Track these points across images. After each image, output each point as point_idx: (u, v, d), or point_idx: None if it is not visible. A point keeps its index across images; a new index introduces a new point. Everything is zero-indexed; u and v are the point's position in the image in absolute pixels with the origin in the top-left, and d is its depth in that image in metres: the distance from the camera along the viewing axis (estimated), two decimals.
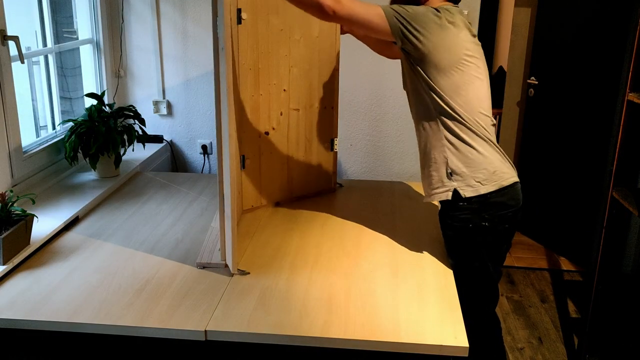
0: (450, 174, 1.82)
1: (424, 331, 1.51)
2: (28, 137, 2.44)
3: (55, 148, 2.53)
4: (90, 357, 1.62)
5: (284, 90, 2.25)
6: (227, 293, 1.68)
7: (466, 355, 1.46)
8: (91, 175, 2.55)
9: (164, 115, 3.18)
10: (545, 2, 3.80)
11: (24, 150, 2.31)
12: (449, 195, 1.83)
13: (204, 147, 3.21)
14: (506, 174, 1.84)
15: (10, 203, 1.85)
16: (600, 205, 2.48)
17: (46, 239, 1.97)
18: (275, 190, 2.35)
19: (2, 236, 1.74)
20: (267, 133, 2.25)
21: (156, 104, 3.16)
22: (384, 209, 2.35)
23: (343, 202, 2.42)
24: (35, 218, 1.94)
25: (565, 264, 3.71)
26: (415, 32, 1.73)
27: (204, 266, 1.83)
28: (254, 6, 2.05)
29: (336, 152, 2.48)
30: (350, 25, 1.83)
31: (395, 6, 1.76)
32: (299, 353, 1.53)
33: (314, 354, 1.52)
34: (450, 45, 1.76)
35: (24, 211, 1.88)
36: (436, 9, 1.78)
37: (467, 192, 1.80)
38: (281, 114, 2.27)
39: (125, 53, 3.09)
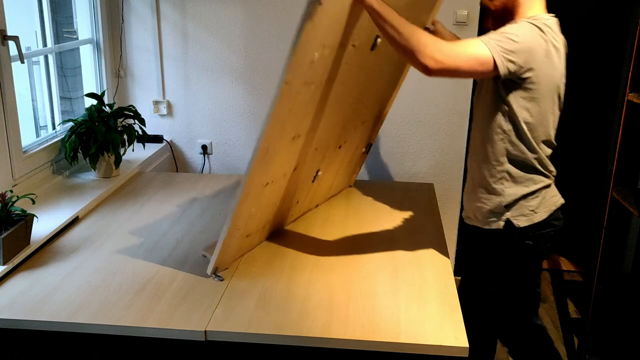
0: (506, 207, 1.78)
1: (424, 331, 1.51)
2: (28, 137, 2.44)
3: (55, 148, 2.53)
4: (90, 357, 1.62)
5: (366, 107, 2.17)
6: (227, 293, 1.68)
7: (466, 355, 1.46)
8: (91, 175, 2.55)
9: (164, 115, 3.18)
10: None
11: (24, 150, 2.31)
12: (501, 225, 1.80)
13: (203, 147, 3.21)
14: (555, 197, 1.84)
15: (10, 203, 1.85)
16: (600, 205, 2.48)
17: (46, 239, 1.97)
18: (323, 197, 2.37)
19: (2, 236, 1.74)
20: (340, 147, 2.17)
21: (156, 104, 3.16)
22: (385, 209, 2.34)
23: (343, 202, 2.42)
24: (35, 218, 1.94)
25: (565, 264, 3.70)
26: (523, 64, 1.61)
27: (204, 255, 1.85)
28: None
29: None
30: (452, 77, 1.67)
31: (501, 41, 1.59)
32: (299, 353, 1.52)
33: (314, 355, 1.52)
34: (553, 73, 1.68)
35: (24, 211, 1.88)
36: (540, 28, 1.64)
37: (521, 222, 1.78)
38: (354, 128, 2.19)
39: (125, 53, 3.09)
